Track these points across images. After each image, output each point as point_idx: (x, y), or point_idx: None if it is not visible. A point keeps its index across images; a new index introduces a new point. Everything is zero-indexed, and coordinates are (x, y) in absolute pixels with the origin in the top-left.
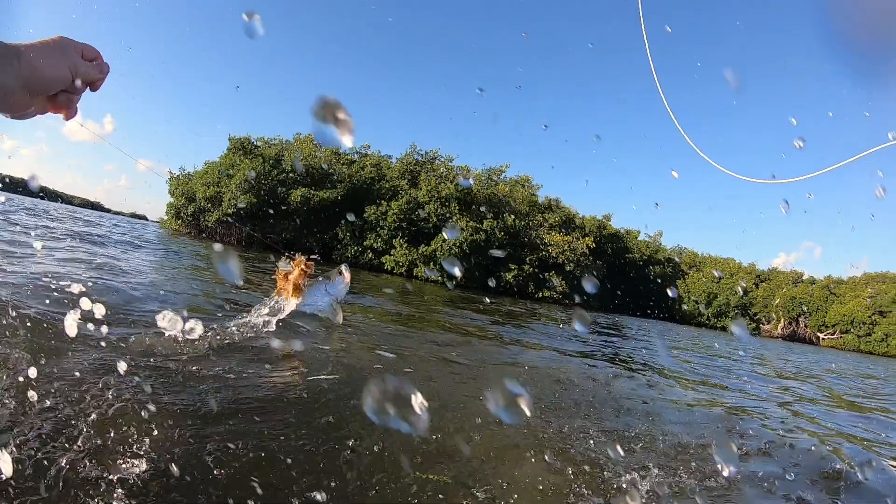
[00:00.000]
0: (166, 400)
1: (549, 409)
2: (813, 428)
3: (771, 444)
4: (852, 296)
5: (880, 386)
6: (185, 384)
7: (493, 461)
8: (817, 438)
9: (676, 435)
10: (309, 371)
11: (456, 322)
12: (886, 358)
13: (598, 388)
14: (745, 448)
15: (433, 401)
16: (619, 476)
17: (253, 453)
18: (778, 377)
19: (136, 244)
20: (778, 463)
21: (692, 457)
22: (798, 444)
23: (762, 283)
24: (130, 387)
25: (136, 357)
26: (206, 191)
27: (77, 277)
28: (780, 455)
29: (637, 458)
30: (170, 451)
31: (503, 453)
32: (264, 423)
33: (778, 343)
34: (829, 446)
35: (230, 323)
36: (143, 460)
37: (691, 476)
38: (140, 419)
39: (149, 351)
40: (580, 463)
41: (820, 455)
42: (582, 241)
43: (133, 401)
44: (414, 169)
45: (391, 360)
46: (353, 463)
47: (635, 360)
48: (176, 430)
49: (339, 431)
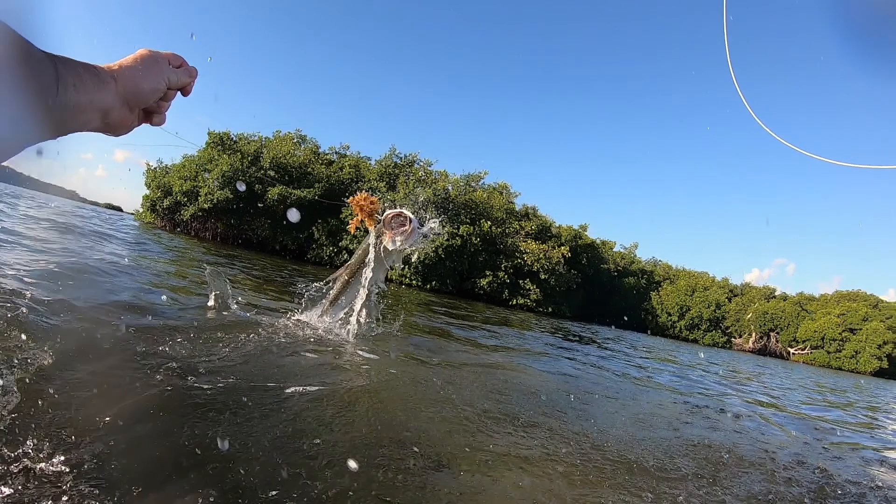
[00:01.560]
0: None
1: (530, 416)
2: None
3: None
4: (823, 313)
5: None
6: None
7: (477, 470)
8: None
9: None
10: (288, 371)
11: (435, 326)
12: (856, 374)
13: (576, 395)
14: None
15: (421, 406)
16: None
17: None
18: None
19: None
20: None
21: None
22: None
23: (735, 298)
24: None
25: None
26: (182, 185)
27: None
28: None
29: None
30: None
31: (486, 461)
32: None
33: (749, 357)
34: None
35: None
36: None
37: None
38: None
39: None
40: (565, 473)
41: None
42: (558, 250)
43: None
44: (392, 171)
45: (375, 361)
46: (319, 468)
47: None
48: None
49: (308, 438)
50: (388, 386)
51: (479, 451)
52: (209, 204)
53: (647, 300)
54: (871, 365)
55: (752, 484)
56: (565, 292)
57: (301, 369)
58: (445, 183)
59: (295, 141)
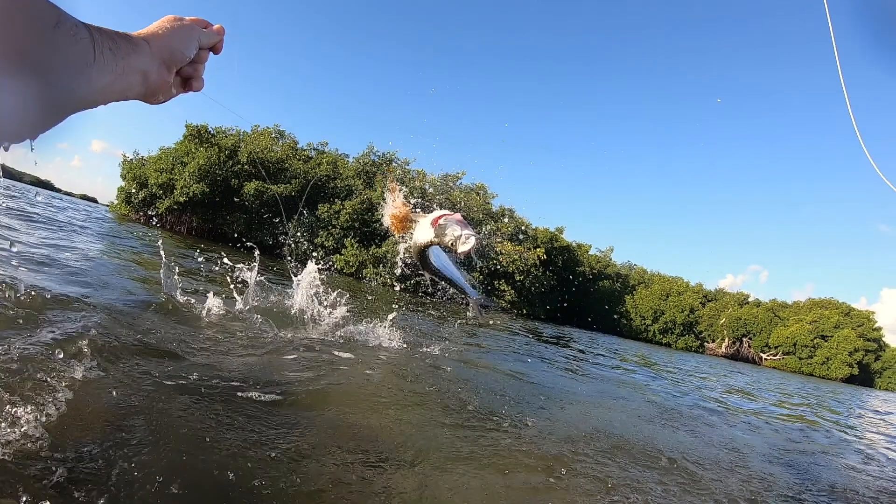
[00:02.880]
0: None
1: (495, 413)
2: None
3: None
4: (796, 319)
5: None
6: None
7: (438, 467)
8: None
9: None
10: (265, 372)
11: (409, 323)
12: (826, 380)
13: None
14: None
15: (388, 405)
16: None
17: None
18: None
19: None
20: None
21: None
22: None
23: (709, 303)
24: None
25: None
26: (158, 177)
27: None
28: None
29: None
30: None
31: (449, 459)
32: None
33: (721, 361)
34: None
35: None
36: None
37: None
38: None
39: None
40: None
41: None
42: (533, 252)
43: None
44: (370, 169)
45: (351, 360)
46: (282, 464)
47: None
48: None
49: (265, 439)
50: (355, 384)
51: (441, 450)
52: (185, 197)
53: (621, 304)
54: (842, 371)
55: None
56: (540, 294)
57: (259, 369)
58: (423, 182)
59: (273, 136)
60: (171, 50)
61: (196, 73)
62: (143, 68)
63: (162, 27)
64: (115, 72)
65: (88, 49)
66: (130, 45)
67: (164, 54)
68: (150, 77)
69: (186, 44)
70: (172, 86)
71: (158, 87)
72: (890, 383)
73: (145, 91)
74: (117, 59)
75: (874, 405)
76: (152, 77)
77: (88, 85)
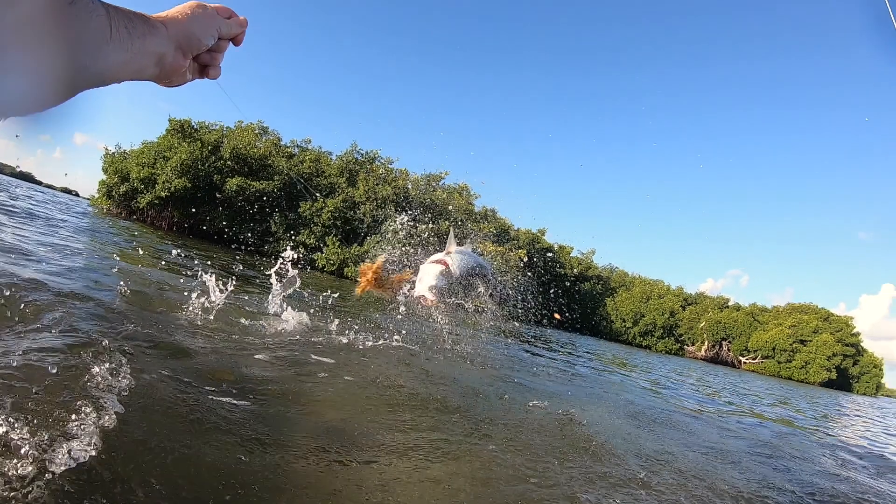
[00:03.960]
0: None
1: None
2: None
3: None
4: (775, 324)
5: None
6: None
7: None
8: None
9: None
10: (245, 374)
11: (386, 325)
12: (805, 384)
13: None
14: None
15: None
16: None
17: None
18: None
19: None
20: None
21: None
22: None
23: (689, 307)
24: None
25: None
26: (140, 171)
27: None
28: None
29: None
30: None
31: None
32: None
33: (699, 364)
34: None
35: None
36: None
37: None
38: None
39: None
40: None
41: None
42: (515, 253)
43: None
44: (353, 168)
45: (331, 365)
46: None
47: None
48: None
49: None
50: (319, 379)
51: (411, 447)
52: (166, 192)
53: (602, 306)
54: (821, 376)
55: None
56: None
57: (240, 367)
58: (406, 181)
59: (256, 132)
60: (189, 36)
61: (213, 62)
62: (159, 51)
63: (183, 12)
64: (130, 51)
65: (105, 26)
66: (147, 26)
67: (181, 39)
68: (165, 60)
69: (205, 31)
70: (188, 71)
71: (173, 71)
72: (867, 388)
73: (159, 73)
74: (133, 38)
75: (850, 408)
76: (167, 60)
77: (103, 62)
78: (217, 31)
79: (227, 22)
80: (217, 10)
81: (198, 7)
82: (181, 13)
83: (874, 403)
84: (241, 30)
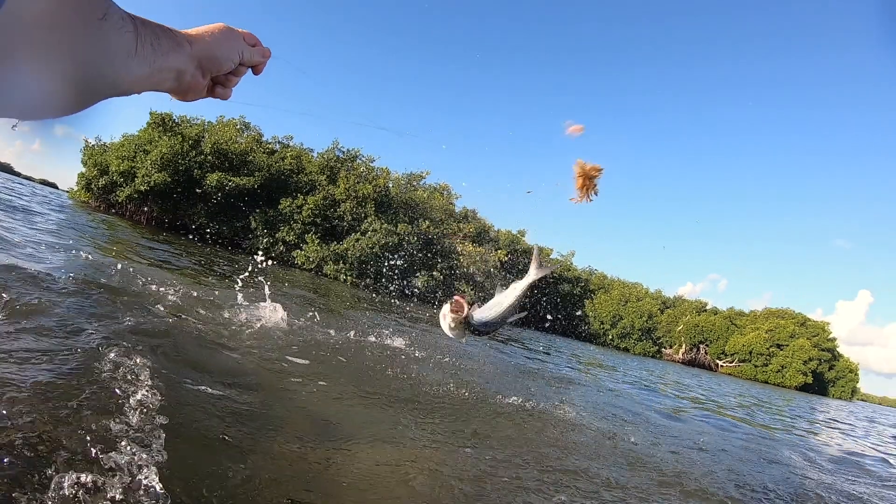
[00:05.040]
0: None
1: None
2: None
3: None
4: (752, 328)
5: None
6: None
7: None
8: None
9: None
10: (227, 377)
11: (374, 323)
12: (781, 388)
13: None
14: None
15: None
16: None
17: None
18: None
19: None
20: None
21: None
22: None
23: (667, 310)
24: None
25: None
26: (120, 164)
27: None
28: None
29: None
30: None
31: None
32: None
33: (677, 366)
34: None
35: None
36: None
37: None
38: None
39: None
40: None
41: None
42: (495, 254)
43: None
44: (334, 165)
45: (303, 367)
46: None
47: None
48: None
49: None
50: (292, 375)
51: (386, 439)
52: (146, 186)
53: (580, 308)
54: (797, 380)
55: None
56: None
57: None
58: (387, 180)
59: (238, 128)
60: (211, 57)
61: (228, 84)
62: (180, 67)
63: (210, 32)
64: (152, 66)
65: (131, 42)
66: (173, 42)
67: (204, 59)
68: (184, 77)
69: (228, 55)
70: (206, 87)
71: (190, 88)
72: (843, 392)
73: (177, 88)
74: (156, 54)
75: (823, 412)
76: (186, 77)
77: (126, 75)
78: (239, 57)
79: (250, 49)
80: (244, 35)
81: (226, 30)
82: (209, 33)
83: (844, 407)
84: (263, 60)
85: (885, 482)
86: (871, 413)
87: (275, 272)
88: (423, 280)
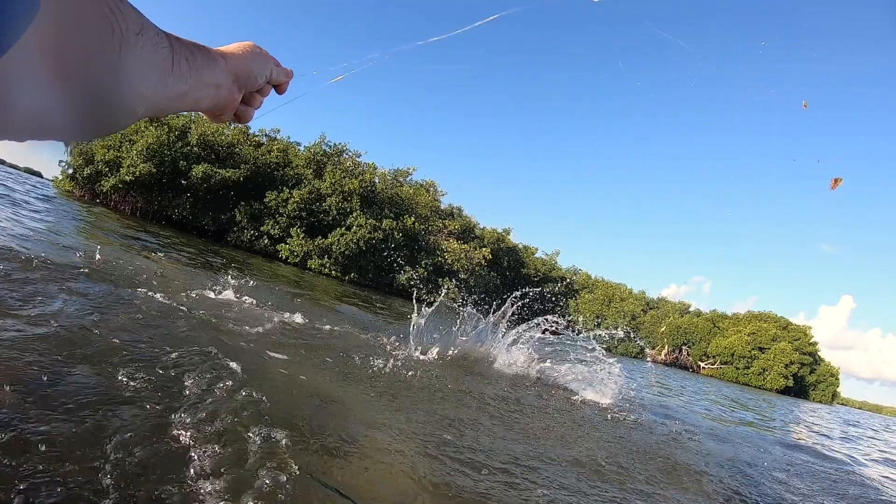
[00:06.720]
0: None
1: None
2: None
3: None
4: (735, 331)
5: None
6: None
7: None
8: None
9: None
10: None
11: (360, 319)
12: (762, 390)
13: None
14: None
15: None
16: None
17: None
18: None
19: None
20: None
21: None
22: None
23: (650, 311)
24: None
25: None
26: (105, 154)
27: None
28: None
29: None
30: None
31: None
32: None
33: (659, 367)
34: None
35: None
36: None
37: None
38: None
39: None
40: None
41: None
42: (480, 252)
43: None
44: (321, 159)
45: (284, 362)
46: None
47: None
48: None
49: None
50: (271, 370)
51: (369, 442)
52: (131, 176)
53: (564, 307)
54: (778, 383)
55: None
56: (484, 294)
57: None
58: (373, 175)
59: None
60: (247, 71)
61: (253, 103)
62: (217, 82)
63: (243, 48)
64: (188, 83)
65: (168, 59)
66: (207, 58)
67: (239, 73)
68: (221, 91)
69: (261, 70)
70: (238, 106)
71: (227, 103)
72: (823, 396)
73: (215, 104)
74: (192, 71)
75: (805, 414)
76: (223, 92)
77: (163, 93)
78: (269, 73)
79: (277, 68)
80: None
81: (255, 47)
82: (241, 49)
83: (817, 409)
84: (287, 79)
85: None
86: (850, 417)
87: (260, 266)
88: (407, 276)
